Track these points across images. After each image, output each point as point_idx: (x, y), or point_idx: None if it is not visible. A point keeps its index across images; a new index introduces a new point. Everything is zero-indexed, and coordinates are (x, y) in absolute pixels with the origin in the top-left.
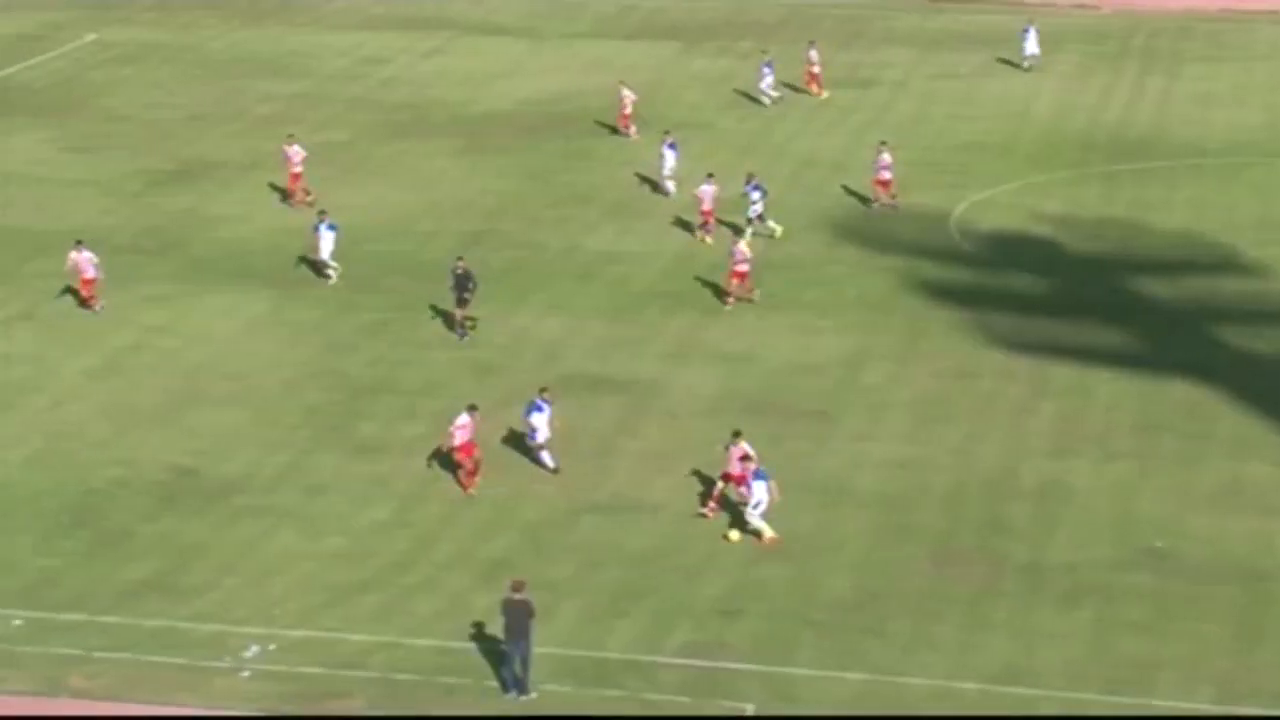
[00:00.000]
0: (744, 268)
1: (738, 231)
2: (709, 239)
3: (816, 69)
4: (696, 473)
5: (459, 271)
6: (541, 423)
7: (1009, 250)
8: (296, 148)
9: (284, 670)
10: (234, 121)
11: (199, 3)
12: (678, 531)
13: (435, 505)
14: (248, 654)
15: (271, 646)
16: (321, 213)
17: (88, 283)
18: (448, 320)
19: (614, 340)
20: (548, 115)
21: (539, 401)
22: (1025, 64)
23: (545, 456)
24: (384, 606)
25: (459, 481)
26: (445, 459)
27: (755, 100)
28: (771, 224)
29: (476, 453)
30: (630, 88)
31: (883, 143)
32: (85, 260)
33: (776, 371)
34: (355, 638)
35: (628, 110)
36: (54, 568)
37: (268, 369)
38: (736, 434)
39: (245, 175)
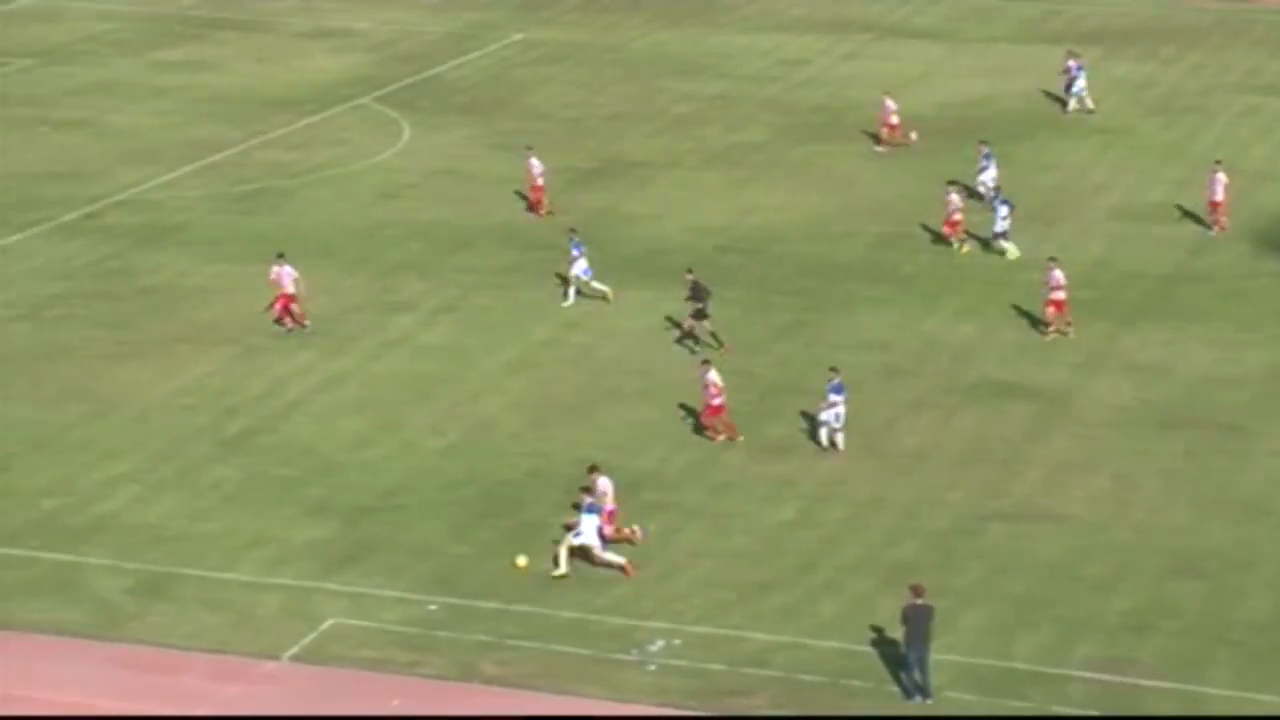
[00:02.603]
0: (1060, 295)
1: (1052, 258)
2: (965, 248)
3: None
4: (1107, 484)
5: (690, 284)
6: (840, 403)
7: None
8: (535, 160)
9: (688, 666)
10: (652, 121)
11: (622, 3)
12: (1087, 543)
13: (840, 507)
14: (653, 648)
15: (676, 641)
16: (571, 230)
17: (287, 298)
18: (853, 324)
19: (1025, 347)
20: (964, 119)
21: (838, 382)
22: None
23: (840, 438)
24: (788, 606)
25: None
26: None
27: (1192, 109)
28: (1006, 245)
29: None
30: (893, 97)
31: (1217, 162)
32: (285, 274)
33: (1192, 384)
34: (758, 636)
35: (893, 120)
36: (469, 556)
37: (678, 367)
38: (593, 468)
39: (661, 174)
